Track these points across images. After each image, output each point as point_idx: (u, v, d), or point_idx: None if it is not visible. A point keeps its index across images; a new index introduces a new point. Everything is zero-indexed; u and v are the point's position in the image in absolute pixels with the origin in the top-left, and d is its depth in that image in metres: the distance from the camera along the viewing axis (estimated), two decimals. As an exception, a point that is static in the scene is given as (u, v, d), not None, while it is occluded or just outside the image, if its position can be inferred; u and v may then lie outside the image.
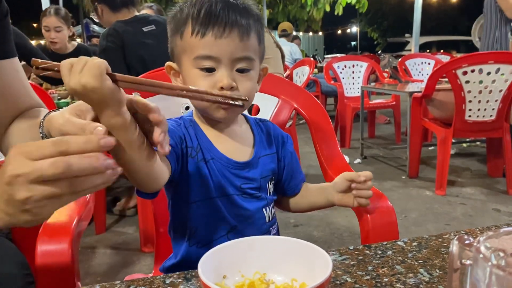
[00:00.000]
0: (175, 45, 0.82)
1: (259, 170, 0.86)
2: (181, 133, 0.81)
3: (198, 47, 0.76)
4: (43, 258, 0.80)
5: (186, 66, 0.80)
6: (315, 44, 23.39)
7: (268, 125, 0.94)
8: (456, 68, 2.72)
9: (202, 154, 0.81)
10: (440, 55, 6.57)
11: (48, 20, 3.16)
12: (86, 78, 0.52)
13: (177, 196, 0.84)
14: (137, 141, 0.59)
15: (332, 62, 4.84)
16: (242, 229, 0.84)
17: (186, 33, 0.78)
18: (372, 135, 5.01)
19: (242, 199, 0.84)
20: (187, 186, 0.81)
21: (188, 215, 0.83)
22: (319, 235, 2.39)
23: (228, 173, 0.82)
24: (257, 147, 0.88)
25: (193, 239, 0.84)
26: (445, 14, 23.21)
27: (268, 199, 0.88)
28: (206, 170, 0.81)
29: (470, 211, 2.69)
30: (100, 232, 2.47)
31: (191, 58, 0.78)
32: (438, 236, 0.73)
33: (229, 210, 0.83)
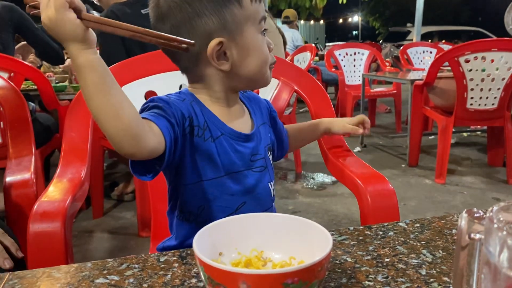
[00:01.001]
0: (231, 17, 0.76)
1: (262, 139, 0.85)
2: (186, 110, 0.76)
3: (260, 11, 0.78)
4: (35, 237, 0.78)
5: (251, 34, 0.78)
6: (316, 33, 23.24)
7: (252, 95, 0.93)
8: (458, 56, 2.69)
9: (209, 131, 0.78)
10: (442, 45, 6.51)
11: None
12: (50, 10, 0.55)
13: (180, 177, 0.80)
14: (106, 85, 0.59)
15: (334, 50, 4.80)
16: (250, 205, 0.82)
17: (245, 2, 0.76)
18: (372, 123, 4.94)
19: (251, 173, 0.82)
20: (192, 166, 0.77)
21: (195, 196, 0.80)
22: (317, 221, 2.35)
23: (239, 147, 0.81)
24: (254, 117, 0.87)
25: (200, 219, 0.81)
26: (447, 4, 23.04)
27: (271, 172, 0.87)
28: (214, 149, 0.78)
29: (469, 200, 2.68)
30: (98, 216, 2.46)
31: (256, 23, 0.78)
32: (441, 218, 0.71)
33: (237, 187, 0.81)
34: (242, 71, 0.79)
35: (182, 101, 0.77)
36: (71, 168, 0.99)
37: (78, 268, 0.57)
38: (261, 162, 0.84)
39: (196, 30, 0.75)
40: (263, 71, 0.81)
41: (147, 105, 0.73)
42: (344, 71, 4.68)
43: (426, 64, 4.90)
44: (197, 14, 0.75)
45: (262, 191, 0.84)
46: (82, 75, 0.59)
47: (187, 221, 0.82)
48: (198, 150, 0.76)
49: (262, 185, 0.83)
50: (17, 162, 1.12)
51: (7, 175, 1.07)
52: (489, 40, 2.80)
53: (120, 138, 0.62)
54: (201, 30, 0.75)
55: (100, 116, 0.60)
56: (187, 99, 0.78)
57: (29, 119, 1.25)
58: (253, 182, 0.82)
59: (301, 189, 2.94)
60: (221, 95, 0.81)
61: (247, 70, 0.79)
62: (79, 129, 1.05)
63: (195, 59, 0.78)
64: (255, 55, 0.78)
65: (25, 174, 1.07)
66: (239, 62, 0.78)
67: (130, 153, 0.64)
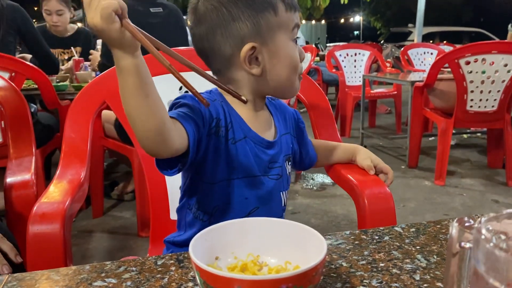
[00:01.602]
0: (265, 23, 0.78)
1: (283, 148, 0.87)
2: (215, 111, 0.78)
3: (294, 19, 0.81)
4: (34, 238, 0.79)
5: (283, 40, 0.80)
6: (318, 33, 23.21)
7: (280, 103, 0.94)
8: (459, 58, 2.69)
9: (233, 133, 0.80)
10: (443, 46, 6.51)
11: (49, 3, 3.10)
12: (96, 18, 0.55)
13: (199, 176, 0.81)
14: (145, 87, 0.60)
15: (334, 50, 4.80)
16: (262, 210, 0.83)
17: (280, 10, 0.79)
18: (372, 124, 4.99)
19: (267, 180, 0.83)
20: (211, 166, 0.78)
21: (210, 195, 0.81)
22: (316, 223, 2.39)
23: (260, 153, 0.82)
24: (278, 126, 0.88)
25: (213, 219, 0.82)
26: (449, 5, 23.02)
27: (285, 181, 0.88)
28: (235, 150, 0.79)
29: (468, 202, 2.69)
30: (97, 216, 2.46)
31: (289, 31, 0.80)
32: (437, 223, 0.72)
33: (252, 191, 0.82)
34: (272, 76, 0.80)
35: (213, 101, 0.79)
36: (71, 169, 0.99)
37: (77, 271, 0.58)
38: (277, 170, 0.85)
39: (231, 33, 0.77)
40: (292, 79, 0.82)
41: (178, 101, 0.75)
42: (345, 71, 4.68)
43: (427, 65, 4.90)
44: (233, 18, 0.77)
45: (275, 199, 0.85)
46: (124, 77, 0.60)
47: (200, 219, 0.83)
48: (220, 150, 0.78)
49: (275, 193, 0.85)
50: (18, 162, 1.12)
51: (8, 176, 1.08)
52: (489, 43, 2.81)
53: (148, 137, 0.64)
54: (235, 34, 0.77)
55: (135, 116, 0.62)
56: (218, 99, 0.80)
57: (29, 119, 1.26)
58: (268, 189, 0.83)
59: (300, 189, 2.95)
60: (248, 98, 0.82)
61: (277, 76, 0.81)
62: (79, 130, 1.06)
63: (227, 62, 0.80)
64: (286, 62, 0.80)
65: (25, 175, 1.08)
66: (270, 68, 0.80)
67: (155, 152, 0.66)
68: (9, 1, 2.36)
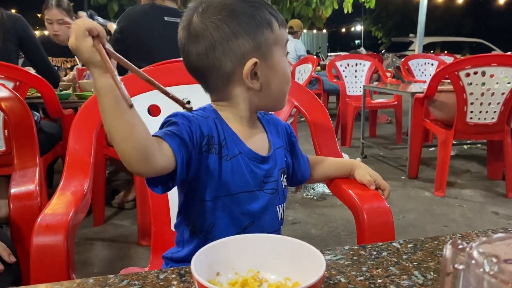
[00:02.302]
0: (264, 39, 0.80)
1: (277, 162, 0.88)
2: (207, 128, 0.79)
3: (285, 35, 0.85)
4: (38, 250, 0.80)
5: (278, 56, 0.83)
6: (319, 42, 23.33)
7: (273, 118, 0.96)
8: (459, 70, 2.71)
9: (227, 149, 0.81)
10: (444, 56, 6.54)
11: (50, 12, 3.14)
12: (72, 37, 0.60)
13: (193, 193, 0.82)
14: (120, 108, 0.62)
15: (335, 60, 4.83)
16: (258, 225, 0.84)
17: (275, 26, 0.82)
18: (373, 134, 5.00)
19: (262, 194, 0.84)
20: (205, 184, 0.80)
21: (205, 212, 0.82)
22: (316, 233, 2.40)
23: (254, 168, 0.83)
24: (272, 140, 0.89)
25: (210, 235, 0.83)
26: (449, 15, 23.12)
27: (281, 195, 0.89)
28: (230, 167, 0.80)
29: (468, 213, 2.69)
30: (98, 224, 2.47)
31: (282, 46, 0.84)
32: (434, 239, 0.73)
33: (248, 206, 0.83)
34: (269, 90, 0.83)
35: (206, 118, 0.80)
36: (74, 181, 1.01)
37: (80, 284, 0.59)
38: (273, 184, 0.86)
39: (232, 50, 0.78)
40: (285, 92, 0.86)
41: (169, 120, 0.77)
42: (346, 81, 4.71)
43: (427, 75, 4.93)
44: (235, 35, 0.78)
45: (270, 213, 0.86)
46: (99, 97, 0.63)
47: (197, 237, 0.84)
48: (213, 167, 0.79)
49: (271, 207, 0.86)
50: (22, 173, 1.14)
51: (12, 186, 1.09)
52: (489, 55, 2.83)
53: (129, 157, 0.66)
54: (236, 51, 0.79)
55: (113, 136, 0.65)
56: (211, 116, 0.82)
57: (34, 130, 1.28)
58: (263, 203, 0.84)
59: (300, 199, 2.96)
60: (245, 114, 0.84)
61: (274, 90, 0.83)
62: (83, 142, 1.07)
63: (227, 78, 0.81)
64: (281, 76, 0.83)
65: (29, 186, 1.09)
66: (268, 82, 0.82)
67: (138, 170, 0.68)
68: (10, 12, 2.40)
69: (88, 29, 0.60)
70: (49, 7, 3.14)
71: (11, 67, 1.98)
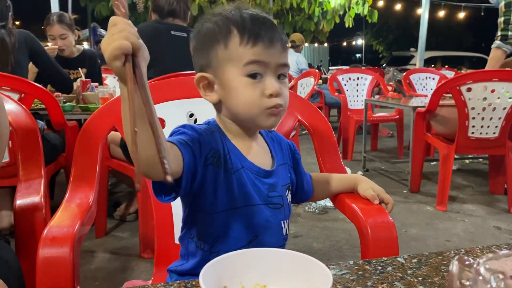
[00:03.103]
0: (215, 56, 0.82)
1: (280, 178, 0.89)
2: (214, 142, 0.81)
3: (249, 55, 0.79)
4: (44, 262, 0.81)
5: (232, 75, 0.81)
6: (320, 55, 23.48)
7: (277, 135, 0.97)
8: (460, 85, 2.73)
9: (231, 163, 0.82)
10: (445, 71, 6.58)
11: (53, 29, 3.17)
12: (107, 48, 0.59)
13: (197, 206, 0.83)
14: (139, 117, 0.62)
15: (337, 74, 4.86)
16: (262, 239, 0.85)
17: (232, 42, 0.80)
18: (374, 148, 5.01)
19: (267, 209, 0.85)
20: (210, 197, 0.81)
21: (210, 225, 0.83)
22: (318, 247, 2.39)
23: (258, 182, 0.84)
24: (275, 156, 0.91)
25: (214, 248, 0.84)
26: (450, 30, 23.29)
27: (286, 211, 0.90)
28: (234, 181, 0.81)
29: (470, 228, 2.69)
30: (100, 236, 2.47)
31: (240, 65, 0.80)
32: (438, 254, 0.73)
33: (252, 220, 0.84)
34: (228, 107, 0.84)
35: (212, 132, 0.82)
36: (80, 193, 1.02)
37: (88, 297, 0.59)
38: (277, 199, 0.87)
39: (195, 63, 0.86)
40: (251, 113, 0.81)
41: (178, 130, 0.79)
42: (347, 95, 4.74)
43: (428, 89, 4.95)
44: (196, 50, 0.85)
45: (275, 228, 0.87)
46: (122, 105, 0.64)
47: (202, 250, 0.85)
48: (218, 181, 0.80)
49: (275, 221, 0.87)
50: (27, 185, 1.15)
51: (18, 198, 1.10)
52: (490, 70, 2.85)
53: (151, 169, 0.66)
54: (197, 64, 0.86)
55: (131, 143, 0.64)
56: (216, 130, 0.84)
57: (39, 142, 1.29)
58: (267, 218, 0.85)
59: (302, 212, 2.95)
60: (233, 127, 0.86)
61: (233, 108, 0.83)
62: (89, 155, 1.08)
63: None
64: (237, 96, 0.81)
65: (35, 198, 1.10)
66: (224, 98, 0.83)
67: (147, 172, 0.68)
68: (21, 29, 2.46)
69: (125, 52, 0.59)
70: (51, 23, 3.17)
71: (17, 79, 2.00)
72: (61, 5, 5.47)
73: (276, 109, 0.80)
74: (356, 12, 10.07)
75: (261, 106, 0.80)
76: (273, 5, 9.50)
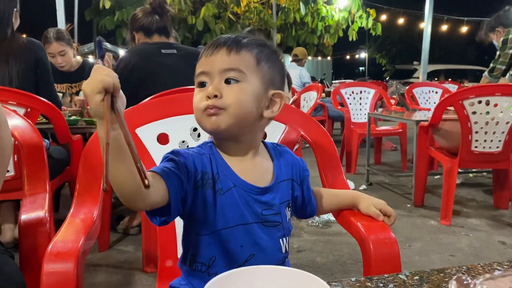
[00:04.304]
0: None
1: (279, 195, 0.88)
2: (201, 165, 0.83)
3: (198, 67, 0.86)
4: (49, 277, 0.81)
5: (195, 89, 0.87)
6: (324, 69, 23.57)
7: (285, 150, 0.98)
8: (463, 99, 2.74)
9: (221, 183, 0.83)
10: (448, 84, 6.60)
11: (51, 46, 3.20)
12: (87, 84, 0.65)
13: (191, 228, 0.84)
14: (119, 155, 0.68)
15: (340, 88, 4.88)
16: (258, 257, 0.85)
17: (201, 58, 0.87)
18: (378, 161, 5.01)
19: (261, 227, 0.85)
20: (202, 218, 0.82)
21: (205, 247, 0.84)
22: (322, 261, 2.38)
23: (250, 199, 0.85)
24: (277, 172, 0.90)
25: (212, 269, 0.85)
26: (453, 44, 23.40)
27: (285, 228, 0.89)
28: (224, 201, 0.82)
29: (475, 243, 2.67)
30: (103, 250, 2.47)
31: (196, 79, 0.86)
32: (440, 271, 0.73)
33: (247, 238, 0.84)
34: None
35: (201, 155, 0.84)
36: (84, 208, 1.03)
37: (92, 313, 0.60)
38: (274, 217, 0.87)
39: None
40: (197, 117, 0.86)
41: (167, 156, 0.81)
42: (350, 109, 4.75)
43: (431, 103, 4.96)
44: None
45: (273, 246, 0.86)
46: (100, 145, 0.68)
47: (199, 270, 0.85)
48: (209, 202, 0.81)
49: (272, 240, 0.86)
50: (32, 199, 1.16)
51: (23, 213, 1.11)
52: (492, 85, 2.87)
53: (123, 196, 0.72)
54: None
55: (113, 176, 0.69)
56: (206, 152, 0.85)
57: (44, 157, 1.30)
58: (262, 236, 0.85)
59: (306, 226, 2.95)
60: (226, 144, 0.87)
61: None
62: (93, 171, 1.09)
63: None
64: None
65: (39, 213, 1.11)
66: None
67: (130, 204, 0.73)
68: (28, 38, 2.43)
69: (106, 87, 0.65)
70: (49, 41, 3.19)
71: (23, 94, 2.02)
72: (68, 19, 5.54)
73: (210, 110, 0.82)
74: (360, 26, 10.16)
75: (200, 108, 0.83)
76: (277, 19, 9.59)
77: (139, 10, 2.62)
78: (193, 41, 10.40)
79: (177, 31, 7.44)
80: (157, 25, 2.56)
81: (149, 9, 2.56)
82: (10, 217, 2.38)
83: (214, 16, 8.96)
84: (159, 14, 2.57)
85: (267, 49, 0.88)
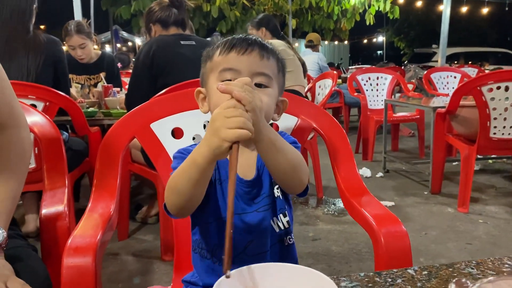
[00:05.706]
0: (205, 69, 0.91)
1: (266, 180, 0.90)
2: None
3: (223, 63, 0.86)
4: (68, 271, 0.85)
5: (212, 83, 0.87)
6: (341, 53, 23.33)
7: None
8: (481, 85, 2.69)
9: (219, 174, 0.88)
10: (467, 68, 6.47)
11: (72, 39, 3.24)
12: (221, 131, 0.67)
13: (195, 217, 0.89)
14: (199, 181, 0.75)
15: (356, 74, 4.84)
16: (257, 243, 0.88)
17: (214, 55, 0.88)
18: (395, 148, 4.97)
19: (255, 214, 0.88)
20: (202, 208, 0.85)
21: (208, 234, 0.89)
22: (337, 250, 2.39)
23: (241, 191, 0.88)
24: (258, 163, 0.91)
25: (215, 257, 0.89)
26: (473, 26, 22.82)
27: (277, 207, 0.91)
28: (220, 191, 0.87)
29: (492, 231, 2.65)
30: (123, 238, 2.53)
31: (217, 73, 0.86)
32: (449, 266, 0.74)
33: (242, 226, 0.87)
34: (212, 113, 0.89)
35: None
36: (101, 203, 1.06)
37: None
38: (265, 201, 0.90)
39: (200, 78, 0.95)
40: None
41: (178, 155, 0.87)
42: (367, 95, 4.71)
43: (450, 88, 4.88)
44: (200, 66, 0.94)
45: (266, 229, 0.90)
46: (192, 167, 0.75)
47: (205, 257, 0.90)
48: (209, 192, 0.85)
49: (264, 223, 0.89)
50: (52, 194, 1.20)
51: (43, 207, 1.15)
52: (511, 70, 2.79)
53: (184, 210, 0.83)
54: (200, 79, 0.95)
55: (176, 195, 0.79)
56: None
57: (63, 151, 1.33)
58: (256, 222, 0.88)
59: (321, 215, 2.96)
60: None
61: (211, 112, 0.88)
62: (110, 165, 1.12)
63: None
64: (212, 99, 0.87)
65: (59, 207, 1.15)
66: (211, 106, 0.89)
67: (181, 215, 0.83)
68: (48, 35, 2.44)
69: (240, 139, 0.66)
70: (70, 34, 3.23)
71: (42, 88, 2.07)
72: (84, 9, 5.58)
73: None
74: (377, 9, 9.99)
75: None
76: (292, 4, 9.49)
77: (155, 4, 2.62)
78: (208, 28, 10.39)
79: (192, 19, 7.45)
80: (175, 18, 2.58)
81: (167, 3, 2.57)
82: (33, 208, 2.45)
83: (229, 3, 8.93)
84: (177, 7, 2.58)
85: (280, 57, 0.93)
